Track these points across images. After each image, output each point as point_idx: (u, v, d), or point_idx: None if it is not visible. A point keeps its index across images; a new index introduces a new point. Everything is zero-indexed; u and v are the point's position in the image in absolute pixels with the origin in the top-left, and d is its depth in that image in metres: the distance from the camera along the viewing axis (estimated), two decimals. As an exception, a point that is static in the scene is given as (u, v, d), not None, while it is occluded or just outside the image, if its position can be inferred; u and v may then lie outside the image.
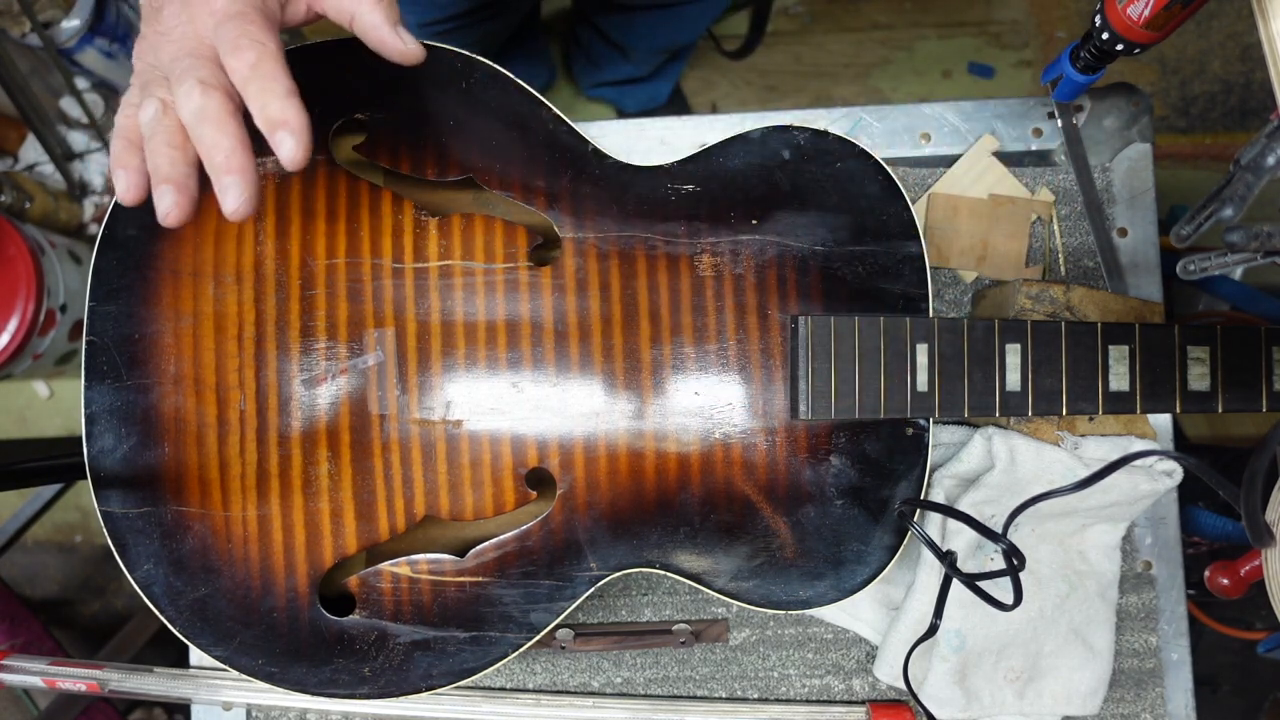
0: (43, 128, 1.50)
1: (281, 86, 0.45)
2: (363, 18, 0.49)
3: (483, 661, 0.59)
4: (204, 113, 0.44)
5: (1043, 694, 0.68)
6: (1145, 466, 0.65)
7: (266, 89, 0.45)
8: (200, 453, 0.58)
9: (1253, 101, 1.61)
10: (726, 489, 0.59)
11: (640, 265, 0.60)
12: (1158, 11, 0.52)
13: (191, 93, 0.45)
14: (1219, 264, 0.48)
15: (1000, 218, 0.71)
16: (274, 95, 0.45)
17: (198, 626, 0.58)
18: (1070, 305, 0.65)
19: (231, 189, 0.45)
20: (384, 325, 0.59)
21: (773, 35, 1.66)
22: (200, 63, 0.45)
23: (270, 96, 0.45)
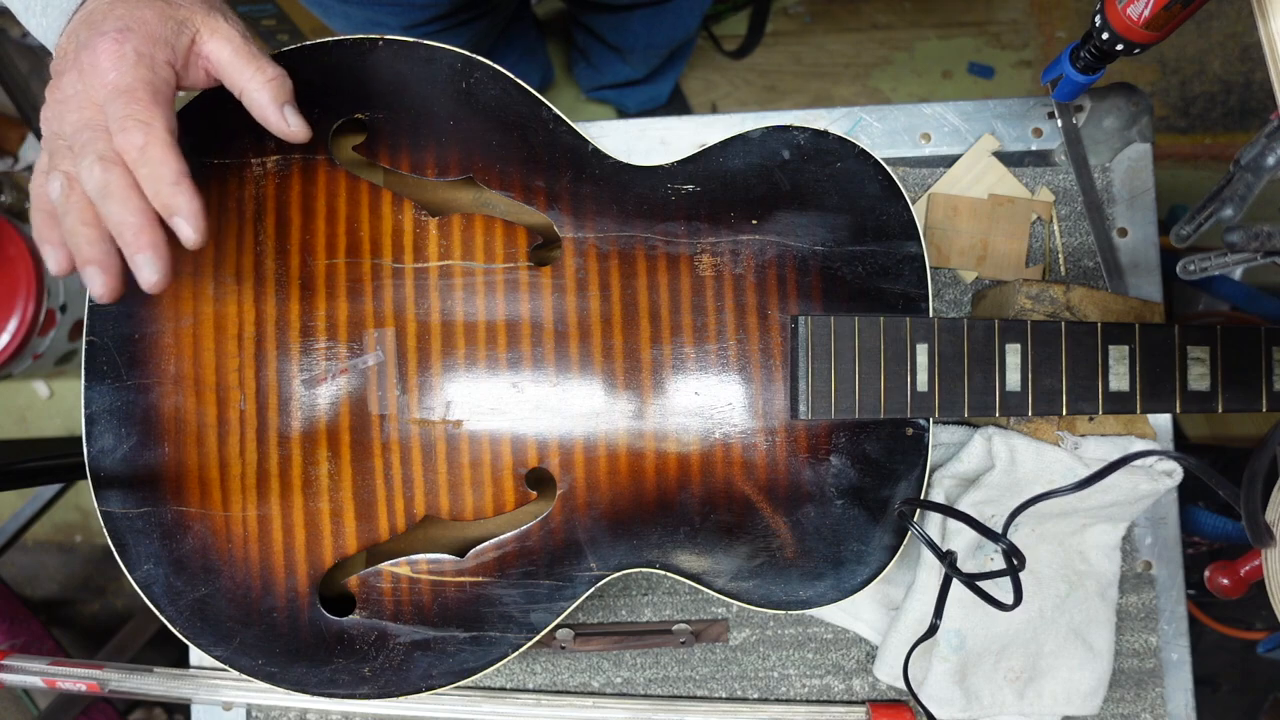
0: (43, 128, 1.50)
1: (170, 170, 0.45)
2: (250, 95, 0.50)
3: (483, 661, 0.59)
4: (106, 189, 0.44)
5: (1043, 694, 0.68)
6: (1145, 466, 0.65)
7: (155, 175, 0.45)
8: (200, 453, 0.58)
9: (1253, 101, 1.61)
10: (726, 489, 0.59)
11: (640, 265, 0.60)
12: (1158, 11, 0.52)
13: (93, 169, 0.45)
14: (1219, 264, 0.48)
15: (1000, 218, 0.71)
16: (163, 181, 0.45)
17: (198, 626, 0.58)
18: (1070, 305, 0.65)
19: (145, 267, 0.45)
20: (384, 325, 0.59)
21: (773, 35, 1.66)
22: (98, 135, 0.45)
23: (159, 183, 0.45)
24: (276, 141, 0.59)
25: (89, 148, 0.45)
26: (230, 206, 0.59)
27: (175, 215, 0.45)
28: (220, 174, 0.59)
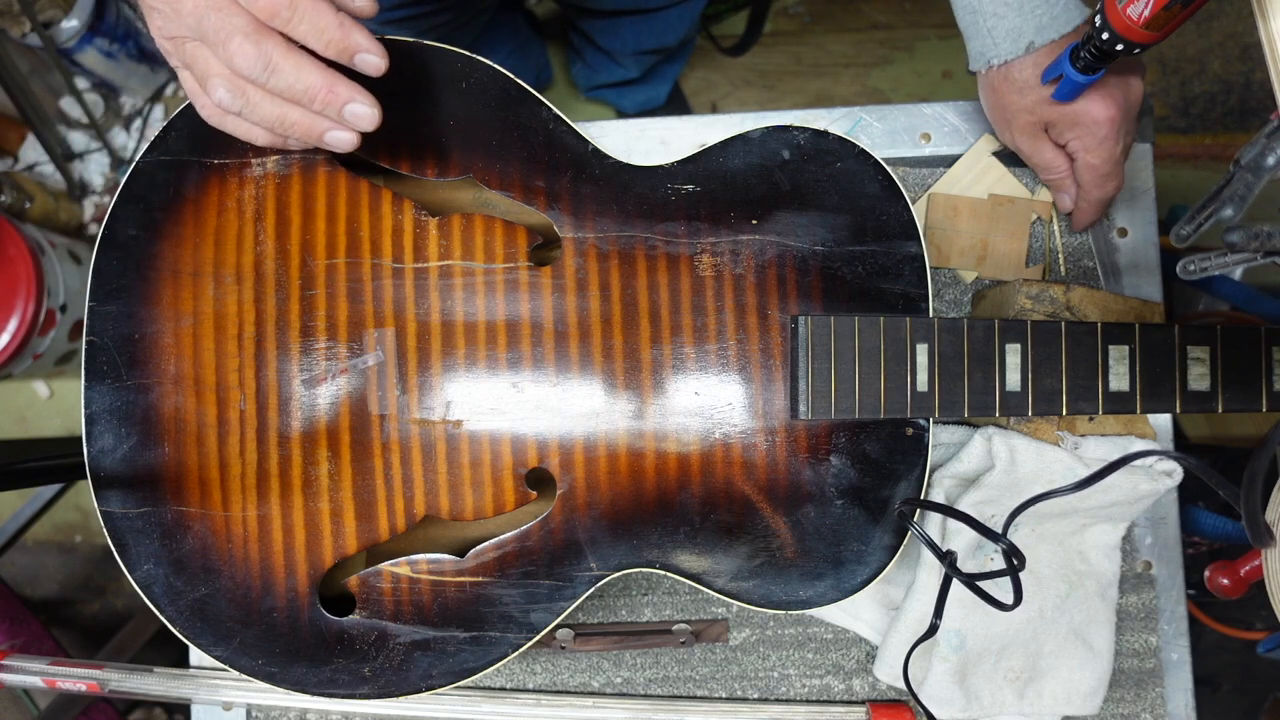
0: (43, 128, 1.50)
1: (328, 13, 0.42)
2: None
3: (483, 661, 0.59)
4: (270, 64, 0.41)
5: (1043, 694, 0.68)
6: (1145, 466, 0.65)
7: (316, 25, 0.42)
8: (200, 453, 0.58)
9: (1253, 101, 1.61)
10: (726, 489, 0.59)
11: (640, 265, 0.60)
12: (1158, 11, 0.52)
13: (244, 48, 0.41)
14: (1219, 264, 0.48)
15: (1000, 217, 0.71)
16: (328, 27, 0.42)
17: (198, 626, 0.58)
18: (1070, 305, 0.65)
19: (358, 114, 0.43)
20: (384, 325, 0.59)
21: (772, 35, 1.66)
22: (229, 12, 0.41)
23: (326, 31, 0.42)
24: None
25: (225, 29, 0.41)
26: (230, 206, 0.59)
27: (357, 53, 0.43)
28: (220, 174, 0.59)
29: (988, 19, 0.60)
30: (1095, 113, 0.60)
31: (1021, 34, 0.60)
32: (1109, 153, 0.62)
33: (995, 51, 0.61)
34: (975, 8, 0.60)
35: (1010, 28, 0.60)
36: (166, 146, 0.60)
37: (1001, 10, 0.59)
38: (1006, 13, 0.59)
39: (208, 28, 0.41)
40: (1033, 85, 0.61)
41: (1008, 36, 0.60)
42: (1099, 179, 0.64)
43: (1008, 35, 0.60)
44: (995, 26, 0.60)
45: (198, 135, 0.59)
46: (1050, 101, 0.61)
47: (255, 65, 0.41)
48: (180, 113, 0.60)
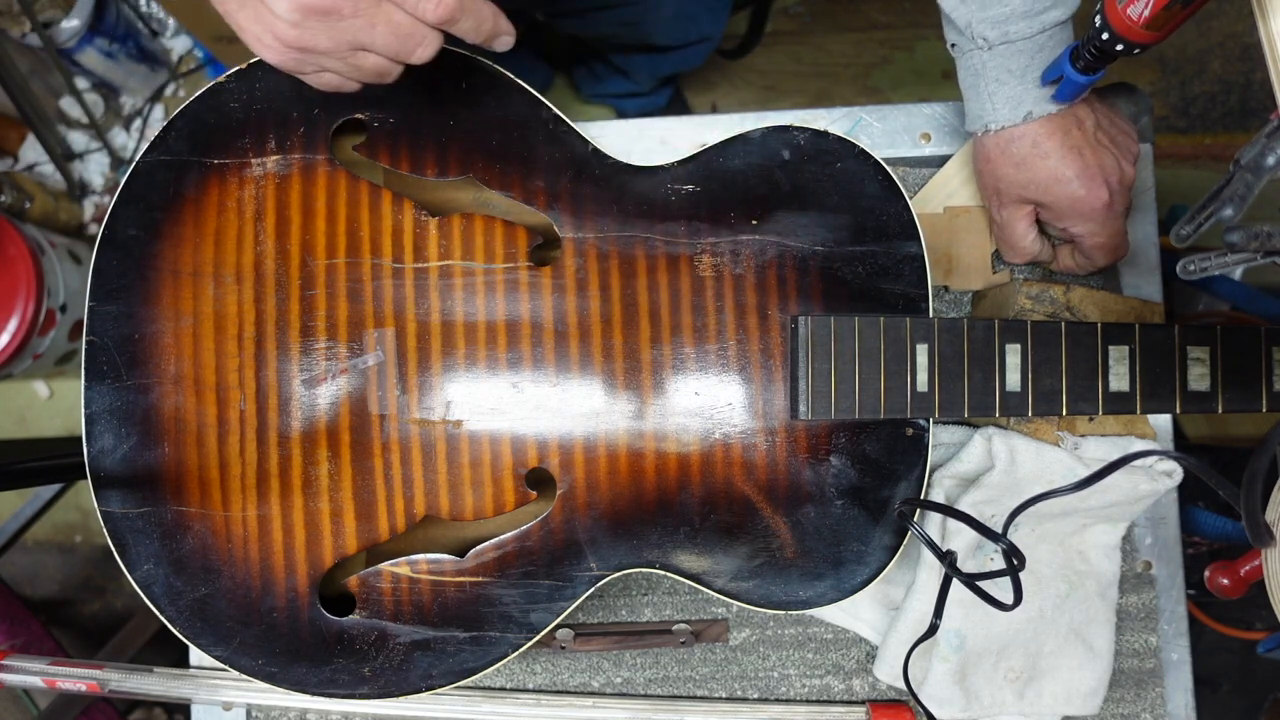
0: (43, 128, 1.50)
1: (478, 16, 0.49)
2: None
3: (483, 661, 0.59)
4: (455, 6, 0.47)
5: (1043, 694, 0.68)
6: (1145, 466, 0.65)
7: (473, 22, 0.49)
8: (200, 453, 0.58)
9: (1253, 101, 1.61)
10: (726, 489, 0.59)
11: (640, 265, 0.60)
12: (1158, 11, 0.52)
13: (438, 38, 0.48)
14: (1219, 264, 0.48)
15: (959, 229, 0.71)
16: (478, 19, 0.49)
17: (198, 626, 0.58)
18: (1070, 305, 0.65)
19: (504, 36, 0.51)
20: (384, 325, 0.59)
21: (772, 35, 1.66)
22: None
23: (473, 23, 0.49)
24: (277, 141, 0.60)
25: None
26: (230, 206, 0.59)
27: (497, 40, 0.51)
28: (220, 174, 0.59)
29: (989, 84, 0.59)
30: (1091, 201, 0.60)
31: (1021, 103, 0.59)
32: (1112, 229, 0.63)
33: (993, 117, 0.60)
34: (979, 71, 0.59)
35: (1010, 95, 0.59)
36: (166, 146, 0.60)
37: (1004, 77, 0.58)
38: (1008, 79, 0.58)
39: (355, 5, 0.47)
40: (1031, 164, 0.60)
41: (1007, 103, 0.59)
42: (1104, 250, 0.64)
43: (1007, 102, 0.59)
44: (996, 92, 0.59)
45: (198, 135, 0.60)
46: (1049, 186, 0.60)
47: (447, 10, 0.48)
48: (180, 113, 0.60)
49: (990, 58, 0.58)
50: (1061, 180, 0.60)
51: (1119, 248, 0.65)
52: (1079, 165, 0.59)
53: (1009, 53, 0.58)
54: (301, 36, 0.47)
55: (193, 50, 1.64)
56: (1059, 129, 0.59)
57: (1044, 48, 0.58)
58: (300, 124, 0.60)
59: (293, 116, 0.60)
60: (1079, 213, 0.61)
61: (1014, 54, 0.58)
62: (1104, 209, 0.61)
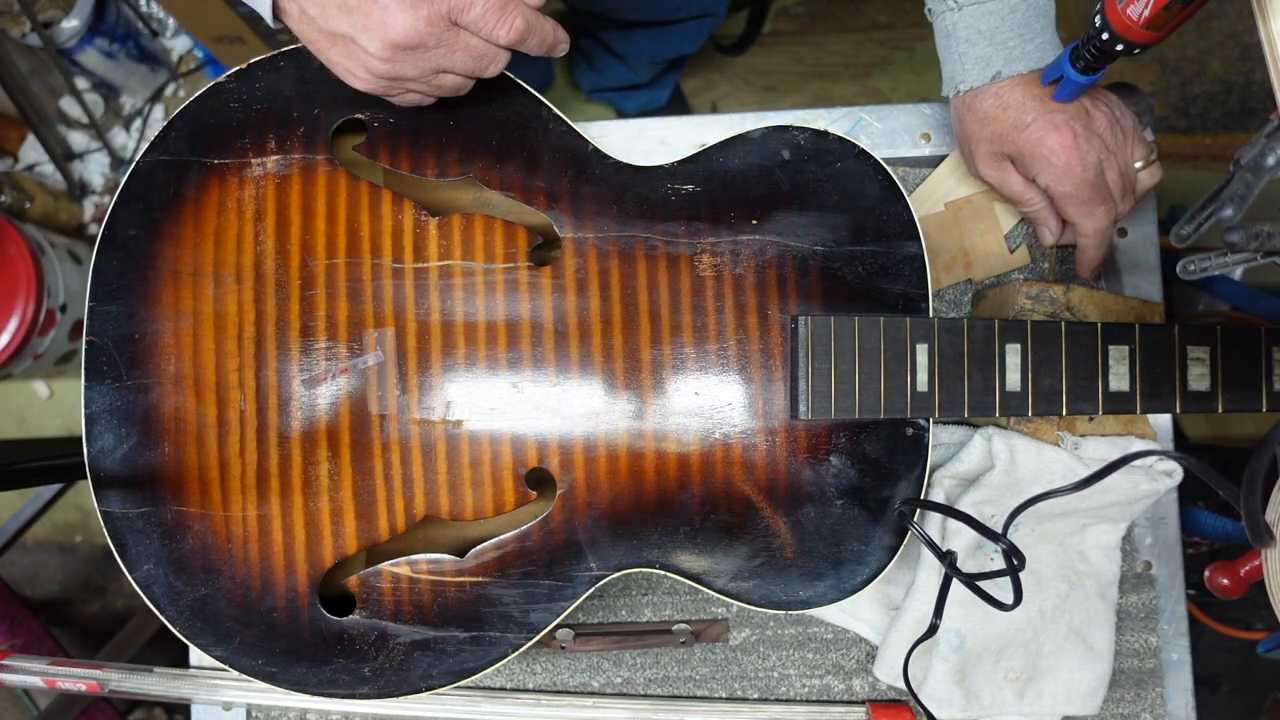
0: (43, 128, 1.50)
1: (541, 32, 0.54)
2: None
3: (483, 661, 0.59)
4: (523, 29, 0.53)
5: (1043, 694, 0.68)
6: (1145, 466, 0.65)
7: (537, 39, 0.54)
8: (200, 453, 0.58)
9: (1253, 101, 1.61)
10: (726, 489, 0.59)
11: (640, 265, 0.60)
12: (1158, 11, 0.52)
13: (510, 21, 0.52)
14: (1219, 264, 0.48)
15: (966, 220, 0.71)
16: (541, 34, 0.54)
17: (198, 626, 0.58)
18: (1070, 305, 0.65)
19: (562, 46, 0.56)
20: (384, 325, 0.59)
21: (772, 35, 1.66)
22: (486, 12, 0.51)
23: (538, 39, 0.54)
24: (277, 141, 0.60)
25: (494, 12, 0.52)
26: (230, 206, 0.59)
27: (556, 49, 0.56)
28: (220, 174, 0.59)
29: (960, 44, 0.61)
30: (1050, 143, 0.60)
31: (990, 63, 0.60)
32: (1077, 179, 0.61)
33: (963, 77, 0.61)
34: (950, 32, 0.61)
35: (980, 55, 0.60)
36: (166, 146, 0.60)
37: (974, 37, 0.60)
38: (978, 40, 0.60)
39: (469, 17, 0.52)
40: (994, 117, 0.61)
41: (976, 64, 0.60)
42: (1081, 207, 0.62)
43: (976, 63, 0.60)
44: (966, 53, 0.60)
45: (198, 135, 0.60)
46: (1011, 135, 0.61)
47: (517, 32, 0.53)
48: (180, 113, 0.60)
49: (960, 18, 0.60)
50: (1021, 126, 0.60)
51: (1094, 202, 0.62)
52: (1039, 110, 0.60)
53: (978, 14, 0.59)
54: (392, 69, 0.52)
55: (193, 50, 1.64)
56: (1022, 84, 0.60)
57: (1015, 10, 0.59)
58: (300, 124, 0.60)
59: (293, 116, 0.60)
60: (1043, 158, 0.61)
61: (983, 15, 0.59)
62: (1065, 151, 0.60)
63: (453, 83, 0.55)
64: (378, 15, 0.50)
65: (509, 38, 0.53)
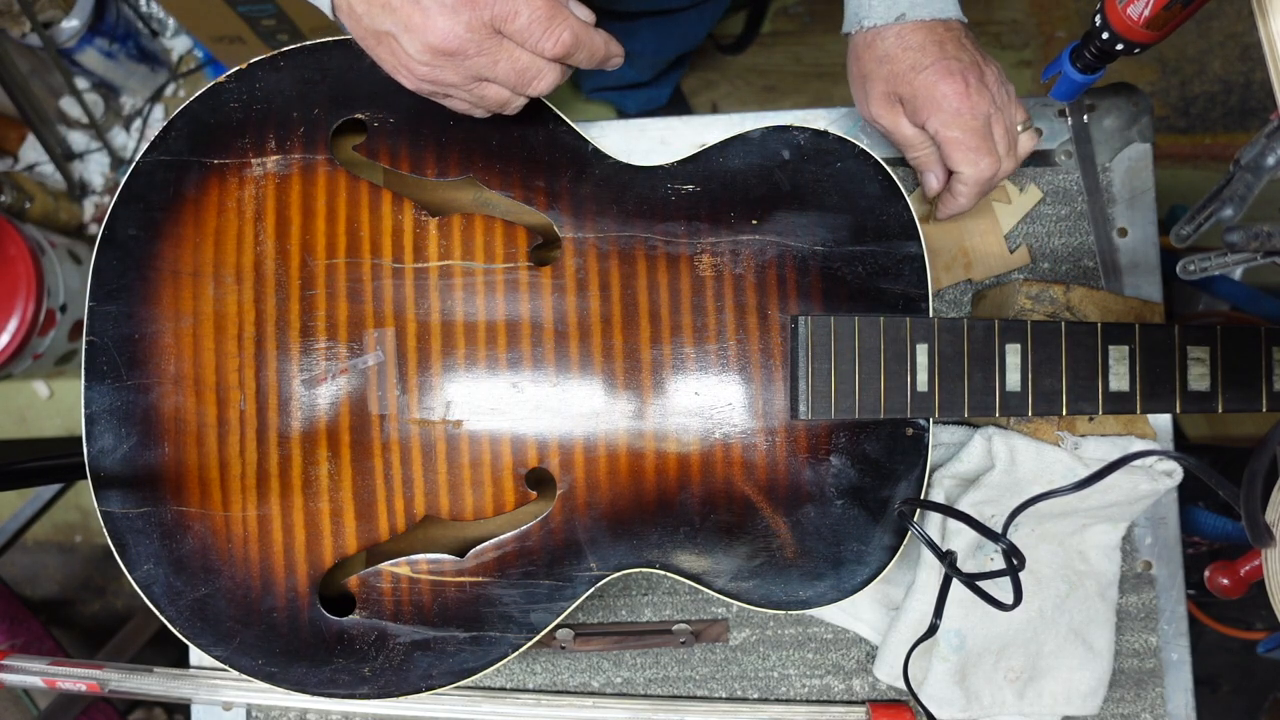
0: (43, 128, 1.50)
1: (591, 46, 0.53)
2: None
3: (483, 661, 0.59)
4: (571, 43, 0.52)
5: (1043, 694, 0.68)
6: (1145, 466, 0.65)
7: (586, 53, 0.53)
8: (200, 453, 0.58)
9: (1253, 101, 1.61)
10: (726, 489, 0.59)
11: (640, 265, 0.60)
12: (1158, 11, 0.52)
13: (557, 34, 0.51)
14: (1219, 264, 0.48)
15: (965, 219, 0.71)
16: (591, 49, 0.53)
17: (198, 626, 0.58)
18: (1070, 305, 0.65)
19: (616, 59, 0.56)
20: (384, 325, 0.59)
21: (772, 35, 1.66)
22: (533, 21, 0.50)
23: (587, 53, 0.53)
24: (277, 141, 0.60)
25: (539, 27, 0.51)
26: (230, 206, 0.59)
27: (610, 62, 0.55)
28: (220, 174, 0.59)
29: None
30: (944, 88, 0.59)
31: (896, 4, 0.60)
32: (966, 126, 0.59)
33: (868, 14, 0.61)
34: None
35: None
36: (166, 146, 0.60)
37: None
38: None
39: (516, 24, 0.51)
40: (893, 57, 0.60)
41: (883, 2, 0.60)
42: (968, 154, 0.60)
43: (883, 1, 0.60)
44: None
45: (198, 135, 0.59)
46: (907, 77, 0.60)
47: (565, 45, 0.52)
48: (180, 113, 0.60)
49: None
50: (919, 68, 0.60)
51: (979, 151, 0.60)
52: (937, 54, 0.59)
53: None
54: (431, 73, 0.52)
55: (193, 50, 1.64)
56: (925, 28, 0.60)
57: None
58: (300, 124, 0.60)
59: (293, 116, 0.60)
60: (936, 102, 0.60)
61: None
62: (956, 96, 0.59)
63: (496, 95, 0.54)
64: (419, 18, 0.49)
65: (555, 50, 0.52)
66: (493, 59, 0.51)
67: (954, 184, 0.63)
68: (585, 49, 0.53)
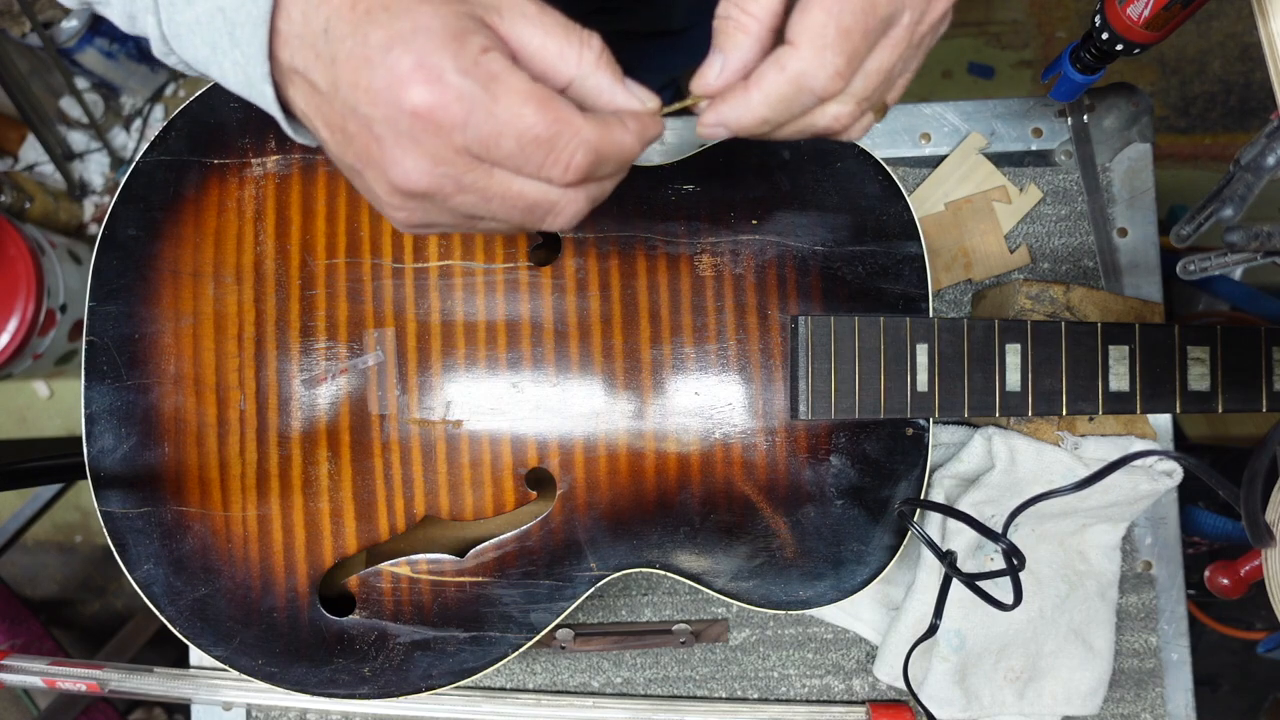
0: (43, 128, 1.50)
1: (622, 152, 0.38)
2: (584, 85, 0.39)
3: (483, 661, 0.59)
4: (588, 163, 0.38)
5: (1043, 694, 0.68)
6: (1145, 466, 0.65)
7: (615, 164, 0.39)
8: (200, 453, 0.58)
9: (1253, 101, 1.61)
10: (726, 489, 0.59)
11: (640, 265, 0.60)
12: (1158, 11, 0.52)
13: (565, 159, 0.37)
14: (1219, 264, 0.48)
15: (965, 219, 0.71)
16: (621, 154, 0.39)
17: (198, 626, 0.58)
18: (1070, 305, 0.65)
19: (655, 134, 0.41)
20: (384, 325, 0.59)
21: (773, 35, 1.66)
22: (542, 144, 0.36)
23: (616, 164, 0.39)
24: (277, 141, 0.59)
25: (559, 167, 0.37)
26: (230, 206, 0.59)
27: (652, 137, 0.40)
28: (220, 174, 0.59)
29: None
30: None
31: None
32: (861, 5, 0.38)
33: None
34: None
35: None
36: (166, 146, 0.60)
37: None
38: None
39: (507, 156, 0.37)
40: None
41: None
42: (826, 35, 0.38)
43: None
44: None
45: (198, 135, 0.59)
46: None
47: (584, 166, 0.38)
48: (180, 112, 0.60)
49: None
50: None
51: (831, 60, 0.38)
52: None
53: None
54: (411, 217, 0.40)
55: (193, 50, 1.64)
56: None
57: None
58: (300, 124, 0.60)
59: (293, 116, 0.60)
60: None
61: None
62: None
63: (504, 229, 0.41)
64: (376, 150, 0.37)
65: (569, 177, 0.37)
66: (482, 196, 0.37)
67: (764, 75, 0.40)
68: (614, 159, 0.38)
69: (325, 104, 0.37)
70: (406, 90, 0.34)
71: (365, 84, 0.35)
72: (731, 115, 0.41)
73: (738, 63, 0.41)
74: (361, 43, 0.35)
